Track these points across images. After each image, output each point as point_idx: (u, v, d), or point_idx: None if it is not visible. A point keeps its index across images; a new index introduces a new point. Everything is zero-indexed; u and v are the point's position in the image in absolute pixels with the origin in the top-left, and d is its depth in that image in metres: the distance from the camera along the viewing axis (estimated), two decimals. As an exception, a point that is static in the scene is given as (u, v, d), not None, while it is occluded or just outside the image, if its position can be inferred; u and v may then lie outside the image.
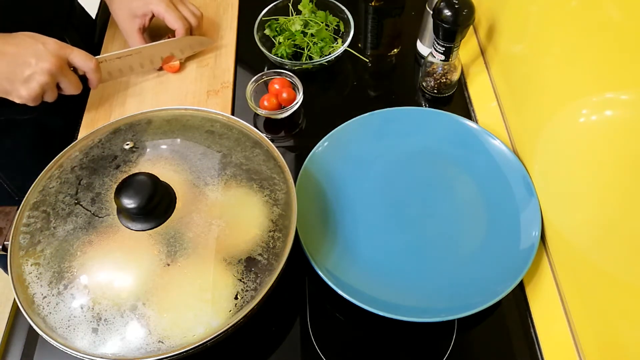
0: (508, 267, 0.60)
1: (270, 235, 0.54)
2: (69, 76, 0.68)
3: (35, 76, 0.64)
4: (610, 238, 0.50)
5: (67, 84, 0.68)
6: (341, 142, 0.72)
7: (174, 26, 0.78)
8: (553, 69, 0.60)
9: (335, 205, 0.67)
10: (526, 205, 0.64)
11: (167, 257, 0.51)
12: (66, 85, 0.68)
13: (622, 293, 0.48)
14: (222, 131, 0.61)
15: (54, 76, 0.66)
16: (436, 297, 0.59)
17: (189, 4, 0.81)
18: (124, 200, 0.50)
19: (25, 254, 0.52)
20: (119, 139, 0.60)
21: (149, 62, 0.80)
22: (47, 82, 0.65)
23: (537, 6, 0.64)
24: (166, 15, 0.77)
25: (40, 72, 0.64)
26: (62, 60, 0.66)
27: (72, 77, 0.69)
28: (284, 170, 0.59)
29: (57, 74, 0.66)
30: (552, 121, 0.60)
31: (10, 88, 0.65)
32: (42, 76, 0.65)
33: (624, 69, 0.46)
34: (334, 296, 0.58)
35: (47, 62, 0.64)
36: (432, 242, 0.64)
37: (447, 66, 0.75)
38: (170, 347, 0.48)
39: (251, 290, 0.51)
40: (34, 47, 0.65)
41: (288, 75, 0.77)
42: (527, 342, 0.58)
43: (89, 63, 0.70)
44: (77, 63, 0.69)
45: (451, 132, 0.72)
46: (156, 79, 0.82)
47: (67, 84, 0.68)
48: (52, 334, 0.49)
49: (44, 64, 0.64)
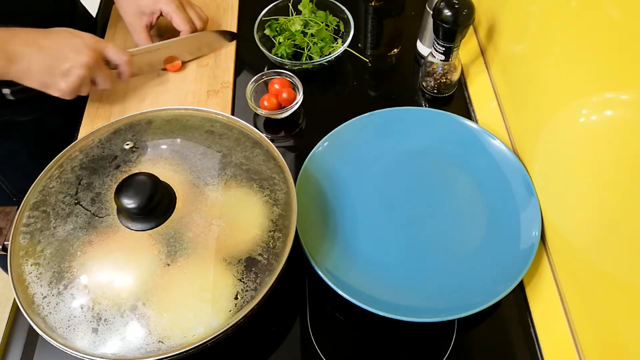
0: (508, 267, 0.60)
1: (270, 235, 0.54)
2: (105, 70, 0.70)
3: (73, 70, 0.66)
4: (610, 238, 0.50)
5: (102, 78, 0.70)
6: (341, 142, 0.72)
7: (181, 27, 0.79)
8: (553, 69, 0.60)
9: (335, 205, 0.67)
10: (526, 205, 0.64)
11: (167, 257, 0.51)
12: (101, 79, 0.70)
13: (622, 293, 0.48)
14: (222, 131, 0.61)
15: (92, 69, 0.67)
16: (436, 297, 0.59)
17: (196, 8, 0.82)
18: (124, 200, 0.50)
19: (25, 254, 0.52)
20: (119, 139, 0.60)
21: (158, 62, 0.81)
22: (85, 76, 0.67)
23: (537, 6, 0.63)
24: (174, 16, 0.78)
25: (79, 65, 0.66)
26: (98, 53, 0.68)
27: (107, 71, 0.71)
28: (284, 170, 0.59)
29: (94, 68, 0.68)
30: (552, 121, 0.60)
31: (51, 82, 0.66)
32: (80, 69, 0.66)
33: (624, 69, 0.46)
34: (334, 296, 0.58)
35: (85, 55, 0.66)
36: (432, 242, 0.64)
37: (447, 66, 0.75)
38: (170, 347, 0.48)
39: (251, 290, 0.51)
40: (72, 41, 0.66)
41: (288, 75, 0.77)
42: (527, 342, 0.58)
43: (122, 57, 0.71)
44: (112, 57, 0.71)
45: (451, 132, 0.72)
46: (156, 79, 0.82)
47: (102, 78, 0.70)
48: (52, 334, 0.49)
49: (82, 57, 0.66)
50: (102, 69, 0.70)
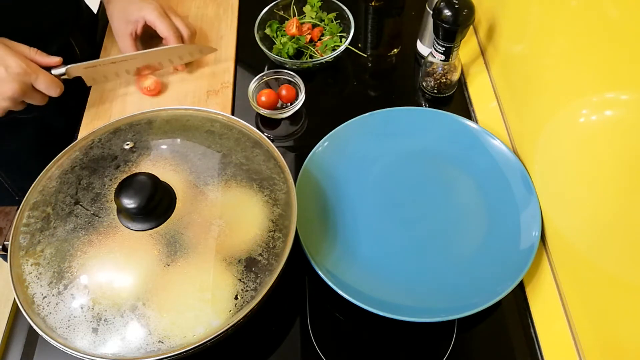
0: (508, 267, 0.60)
1: (270, 235, 0.54)
2: (34, 96, 0.67)
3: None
4: (610, 238, 0.50)
5: (32, 101, 0.68)
6: (341, 142, 0.72)
7: (164, 35, 0.77)
8: (553, 69, 0.60)
9: (335, 205, 0.67)
10: (526, 205, 0.64)
11: (167, 257, 0.51)
12: (32, 101, 0.68)
13: (622, 293, 0.48)
14: (222, 131, 0.61)
15: (16, 100, 0.66)
16: (436, 297, 0.59)
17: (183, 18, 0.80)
18: (124, 200, 0.50)
19: (25, 254, 0.52)
20: (119, 139, 0.60)
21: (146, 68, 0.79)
22: (9, 105, 0.65)
23: (537, 6, 0.63)
24: (157, 23, 0.76)
25: (0, 98, 0.64)
26: (25, 85, 0.65)
27: (37, 95, 0.68)
28: (284, 170, 0.59)
29: (19, 98, 0.66)
30: (552, 121, 0.60)
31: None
32: (3, 102, 0.65)
33: (624, 69, 0.46)
34: (334, 296, 0.58)
35: (8, 89, 0.64)
36: (432, 242, 0.64)
37: (447, 66, 0.75)
38: (170, 347, 0.48)
39: (251, 290, 0.51)
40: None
41: (290, 75, 0.77)
42: (527, 342, 0.58)
43: (52, 92, 0.68)
44: (42, 89, 0.67)
45: (451, 132, 0.72)
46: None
47: (32, 101, 0.68)
48: (52, 334, 0.49)
49: (5, 90, 0.64)
50: (31, 97, 0.67)
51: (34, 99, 0.68)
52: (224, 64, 0.84)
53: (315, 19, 0.85)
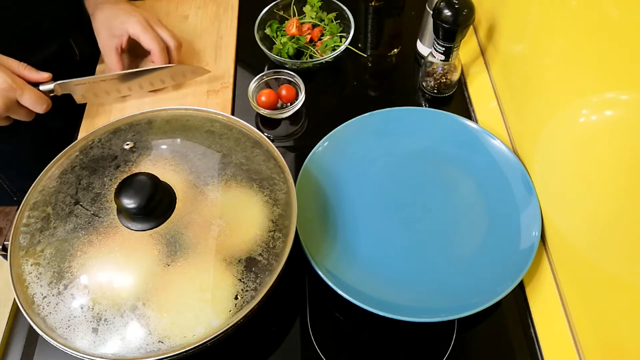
0: (508, 267, 0.60)
1: (270, 235, 0.54)
2: (19, 112, 0.67)
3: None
4: (610, 238, 0.50)
5: (17, 117, 0.68)
6: (341, 142, 0.72)
7: (149, 47, 0.75)
8: (553, 69, 0.60)
9: (335, 205, 0.67)
10: (526, 205, 0.64)
11: (167, 257, 0.51)
12: (17, 117, 0.68)
13: (622, 293, 0.48)
14: (222, 131, 0.61)
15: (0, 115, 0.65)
16: (436, 297, 0.59)
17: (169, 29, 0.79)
18: (124, 200, 0.50)
19: (25, 254, 0.52)
20: (119, 139, 0.60)
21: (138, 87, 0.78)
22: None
23: (537, 6, 0.63)
24: (141, 36, 0.75)
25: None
26: (9, 100, 0.65)
27: (22, 111, 0.67)
28: (284, 170, 0.59)
29: (3, 113, 0.65)
30: (552, 121, 0.60)
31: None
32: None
33: (624, 69, 0.46)
34: (334, 296, 0.58)
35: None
36: (432, 242, 0.64)
37: (447, 66, 0.75)
38: (170, 347, 0.48)
39: (251, 290, 0.51)
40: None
41: (290, 75, 0.77)
42: (527, 342, 0.58)
43: (38, 108, 0.68)
44: (27, 105, 0.67)
45: (451, 132, 0.72)
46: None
47: (17, 117, 0.68)
48: (52, 334, 0.49)
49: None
50: (16, 112, 0.66)
51: (19, 114, 0.67)
52: (224, 64, 0.84)
53: (315, 19, 0.85)
